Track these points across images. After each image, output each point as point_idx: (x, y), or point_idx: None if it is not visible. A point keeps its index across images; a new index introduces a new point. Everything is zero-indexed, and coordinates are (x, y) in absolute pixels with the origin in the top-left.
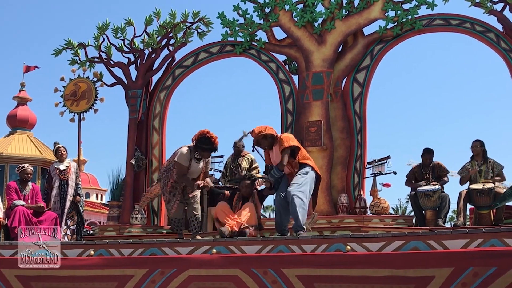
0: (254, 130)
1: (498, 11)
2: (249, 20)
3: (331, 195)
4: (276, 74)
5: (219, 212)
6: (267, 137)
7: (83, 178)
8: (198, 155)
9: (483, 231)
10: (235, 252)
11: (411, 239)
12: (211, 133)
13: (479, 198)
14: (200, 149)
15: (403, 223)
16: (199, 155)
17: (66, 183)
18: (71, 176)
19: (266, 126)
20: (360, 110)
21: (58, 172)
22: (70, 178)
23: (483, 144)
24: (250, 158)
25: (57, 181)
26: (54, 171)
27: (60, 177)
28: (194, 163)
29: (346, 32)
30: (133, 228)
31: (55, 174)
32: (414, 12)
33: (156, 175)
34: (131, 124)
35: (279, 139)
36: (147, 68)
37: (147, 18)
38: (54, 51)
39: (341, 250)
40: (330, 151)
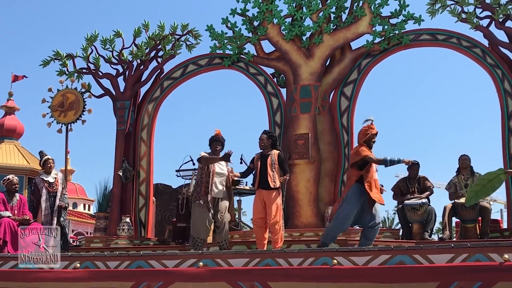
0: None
1: (484, 27)
2: (238, 33)
3: (318, 207)
4: (264, 87)
5: None
6: (367, 133)
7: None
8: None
9: (468, 246)
10: (221, 265)
11: (397, 253)
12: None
13: (464, 212)
14: (211, 146)
15: (390, 236)
16: (212, 152)
17: (55, 195)
18: (59, 188)
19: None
20: (347, 123)
21: (46, 185)
22: (58, 191)
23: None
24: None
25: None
26: (42, 183)
27: (49, 190)
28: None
29: (334, 46)
30: (120, 240)
31: (43, 186)
32: (401, 27)
33: (143, 186)
34: (119, 135)
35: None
36: (136, 79)
37: (136, 30)
38: (42, 61)
39: (327, 264)
40: (317, 164)
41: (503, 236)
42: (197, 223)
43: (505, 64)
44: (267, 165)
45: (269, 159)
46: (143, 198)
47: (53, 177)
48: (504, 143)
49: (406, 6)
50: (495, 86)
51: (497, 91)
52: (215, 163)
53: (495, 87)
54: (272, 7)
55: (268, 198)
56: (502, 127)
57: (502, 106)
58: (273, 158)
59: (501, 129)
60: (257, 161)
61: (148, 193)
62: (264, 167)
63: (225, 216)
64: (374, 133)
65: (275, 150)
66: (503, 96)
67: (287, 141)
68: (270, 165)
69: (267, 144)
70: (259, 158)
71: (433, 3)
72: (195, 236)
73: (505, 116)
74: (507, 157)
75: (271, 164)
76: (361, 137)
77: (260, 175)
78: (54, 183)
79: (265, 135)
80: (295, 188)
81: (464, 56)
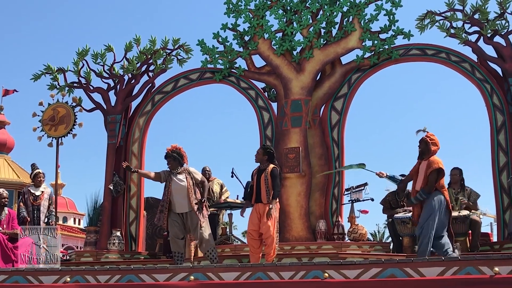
0: (429, 134)
1: (472, 42)
2: (229, 48)
3: (309, 221)
4: (255, 101)
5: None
6: (427, 144)
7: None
8: (171, 170)
9: (458, 259)
10: (213, 279)
11: (388, 266)
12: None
13: (454, 225)
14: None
15: (381, 250)
16: (170, 169)
17: (38, 209)
18: (43, 202)
19: (436, 141)
20: (338, 137)
21: (31, 198)
22: (42, 204)
23: (462, 172)
24: (220, 183)
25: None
26: (28, 195)
27: (32, 202)
28: (173, 180)
29: (324, 60)
30: (111, 254)
31: (28, 198)
32: (391, 42)
33: (134, 200)
34: (110, 149)
35: (431, 158)
36: (127, 93)
37: (127, 44)
38: (33, 75)
39: (319, 277)
40: (308, 177)
41: (493, 249)
42: (170, 238)
43: (494, 78)
44: (262, 180)
45: (263, 174)
46: (133, 212)
47: (41, 191)
48: (493, 156)
49: (395, 22)
50: (484, 101)
51: (486, 105)
52: (172, 180)
53: (484, 101)
54: (263, 22)
55: (264, 212)
56: (491, 141)
57: (491, 120)
58: (267, 173)
59: (490, 143)
60: (254, 176)
61: (138, 207)
62: (260, 182)
63: (197, 230)
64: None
65: (271, 164)
66: (492, 110)
67: (278, 155)
68: (264, 180)
69: (263, 158)
70: (256, 173)
71: (422, 19)
72: (172, 250)
73: (494, 130)
74: (496, 170)
75: (265, 179)
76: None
77: (256, 189)
78: (39, 196)
79: (261, 150)
80: (286, 201)
81: (453, 70)
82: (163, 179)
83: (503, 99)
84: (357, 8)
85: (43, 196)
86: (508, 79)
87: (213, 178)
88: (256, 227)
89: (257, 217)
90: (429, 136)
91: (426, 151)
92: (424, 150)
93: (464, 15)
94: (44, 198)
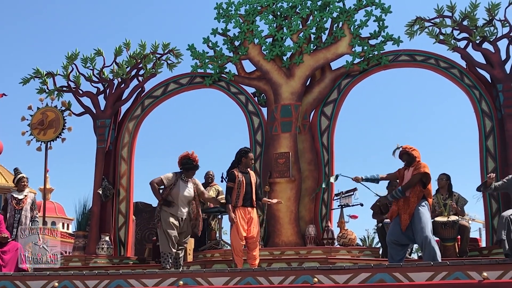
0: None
1: (461, 48)
2: (219, 53)
3: (299, 226)
4: (245, 106)
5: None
6: (409, 154)
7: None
8: (184, 177)
9: (447, 264)
10: (202, 283)
11: (377, 271)
12: (193, 155)
13: (443, 231)
14: (184, 169)
15: (370, 255)
16: (185, 176)
17: (20, 213)
18: (26, 206)
19: (415, 148)
20: (327, 142)
21: (14, 203)
22: (24, 209)
23: (449, 178)
24: (217, 189)
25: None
26: (11, 199)
27: (15, 206)
28: (181, 185)
29: (314, 66)
30: (99, 259)
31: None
32: (380, 48)
33: (123, 205)
34: (99, 154)
35: (418, 163)
36: (116, 98)
37: (117, 49)
38: (22, 79)
39: (308, 282)
40: (298, 182)
41: (481, 254)
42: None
43: (482, 84)
44: (251, 183)
45: (251, 178)
46: (122, 216)
47: (24, 195)
48: (481, 162)
49: (385, 28)
50: (473, 107)
51: (475, 111)
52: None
53: (472, 107)
54: (253, 27)
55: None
56: (480, 147)
57: (479, 126)
58: (255, 178)
59: (479, 149)
60: (241, 179)
61: (128, 212)
62: (249, 186)
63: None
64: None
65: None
66: (480, 116)
67: (268, 160)
68: (253, 184)
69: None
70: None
71: (412, 25)
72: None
73: (483, 136)
74: (485, 176)
75: (255, 183)
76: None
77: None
78: (22, 200)
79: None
80: (276, 206)
81: (442, 76)
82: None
83: (492, 105)
84: (347, 14)
85: (26, 200)
86: (497, 85)
87: (213, 184)
88: (245, 231)
89: (245, 221)
90: (406, 147)
91: (411, 160)
92: (409, 160)
93: (453, 22)
94: (27, 202)
